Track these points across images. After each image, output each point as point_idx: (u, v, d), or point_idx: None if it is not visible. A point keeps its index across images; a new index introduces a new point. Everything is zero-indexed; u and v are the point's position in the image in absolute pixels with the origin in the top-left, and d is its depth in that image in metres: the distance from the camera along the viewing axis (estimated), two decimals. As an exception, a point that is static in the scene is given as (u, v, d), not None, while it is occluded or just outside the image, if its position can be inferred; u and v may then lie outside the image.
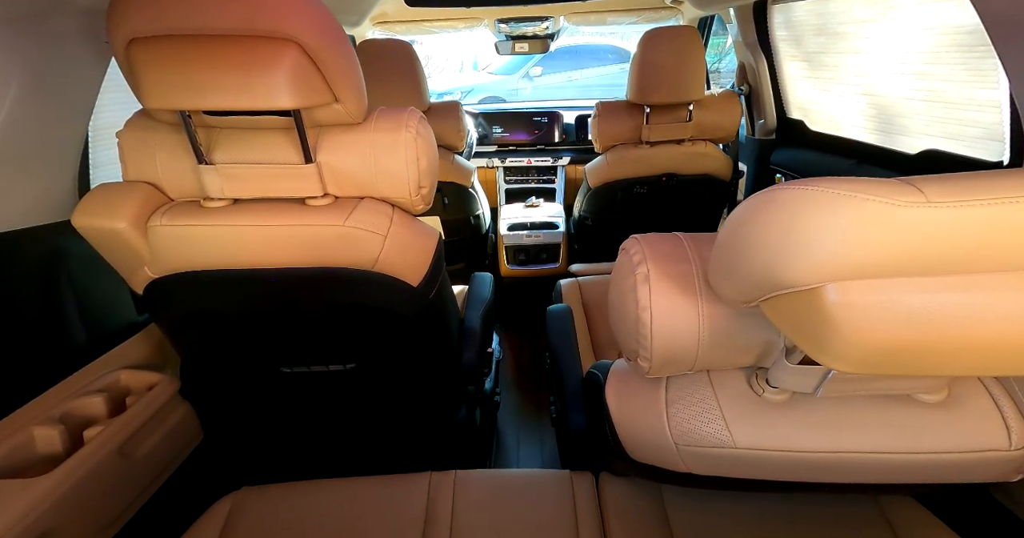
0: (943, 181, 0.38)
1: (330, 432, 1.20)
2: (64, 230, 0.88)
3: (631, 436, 0.70)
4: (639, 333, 0.58)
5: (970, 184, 0.37)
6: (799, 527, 0.82)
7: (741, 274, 0.47)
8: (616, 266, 0.64)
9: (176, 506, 1.01)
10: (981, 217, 0.36)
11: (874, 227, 0.37)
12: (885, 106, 1.25)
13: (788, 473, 0.62)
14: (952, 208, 0.36)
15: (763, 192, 0.44)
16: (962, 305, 0.39)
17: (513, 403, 1.84)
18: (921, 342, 0.40)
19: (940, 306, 0.39)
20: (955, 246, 0.37)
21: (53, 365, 0.89)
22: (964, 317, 0.39)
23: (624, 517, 0.84)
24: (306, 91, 0.68)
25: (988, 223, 0.36)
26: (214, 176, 0.76)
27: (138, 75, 0.66)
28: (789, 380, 0.55)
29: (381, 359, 1.00)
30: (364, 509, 0.88)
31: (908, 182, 0.38)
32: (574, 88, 5.73)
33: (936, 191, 0.37)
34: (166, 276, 0.81)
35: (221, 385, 1.04)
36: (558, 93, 5.56)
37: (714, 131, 1.74)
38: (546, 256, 2.11)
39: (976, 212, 0.36)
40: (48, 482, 0.75)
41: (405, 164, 0.79)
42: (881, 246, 0.37)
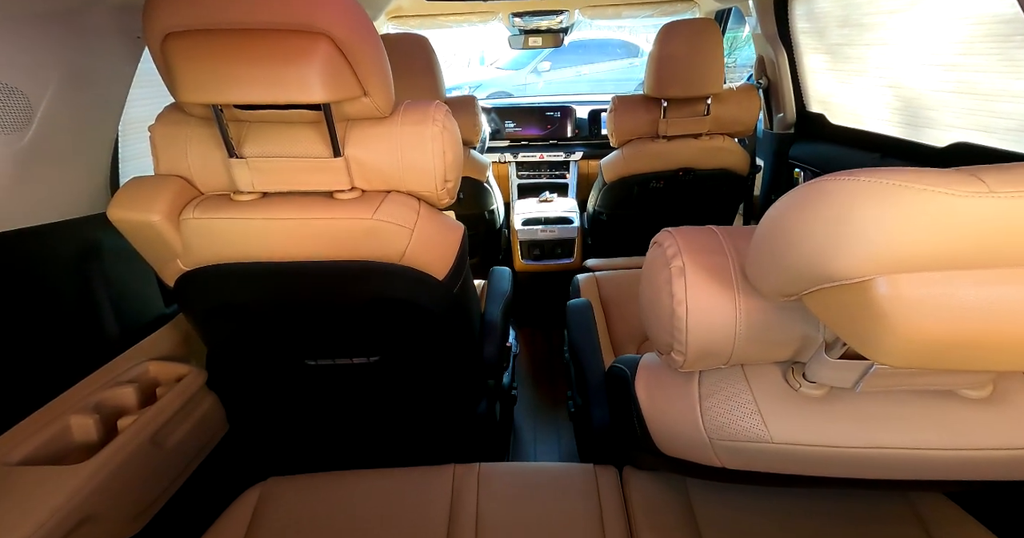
0: (1006, 171, 0.37)
1: (353, 424, 1.21)
2: (96, 223, 0.89)
3: (662, 430, 0.69)
4: (674, 327, 0.57)
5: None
6: (826, 522, 0.81)
7: (784, 266, 0.46)
8: (648, 260, 0.63)
9: (205, 495, 1.02)
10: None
11: (932, 218, 0.36)
12: (912, 99, 1.23)
13: (825, 469, 0.61)
14: (1016, 198, 0.35)
15: (810, 183, 0.43)
16: (1019, 299, 0.38)
17: (528, 397, 1.84)
18: (974, 337, 0.40)
19: (996, 300, 0.38)
20: (1017, 238, 0.36)
21: (87, 356, 0.91)
22: (1020, 312, 0.38)
23: (650, 511, 0.84)
24: (337, 85, 0.69)
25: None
26: (244, 170, 0.76)
27: (173, 69, 0.67)
28: (828, 375, 0.55)
29: (405, 352, 1.00)
30: (390, 500, 0.89)
31: (968, 172, 0.37)
32: (583, 82, 5.71)
33: (999, 181, 0.36)
34: (197, 269, 0.81)
35: (246, 377, 1.05)
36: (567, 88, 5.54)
37: (732, 125, 1.73)
38: (561, 251, 2.11)
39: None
40: (88, 469, 0.76)
41: (432, 157, 0.79)
42: (938, 238, 0.36)
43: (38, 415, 0.82)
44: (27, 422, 0.80)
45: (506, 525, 0.84)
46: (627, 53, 5.94)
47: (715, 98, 1.67)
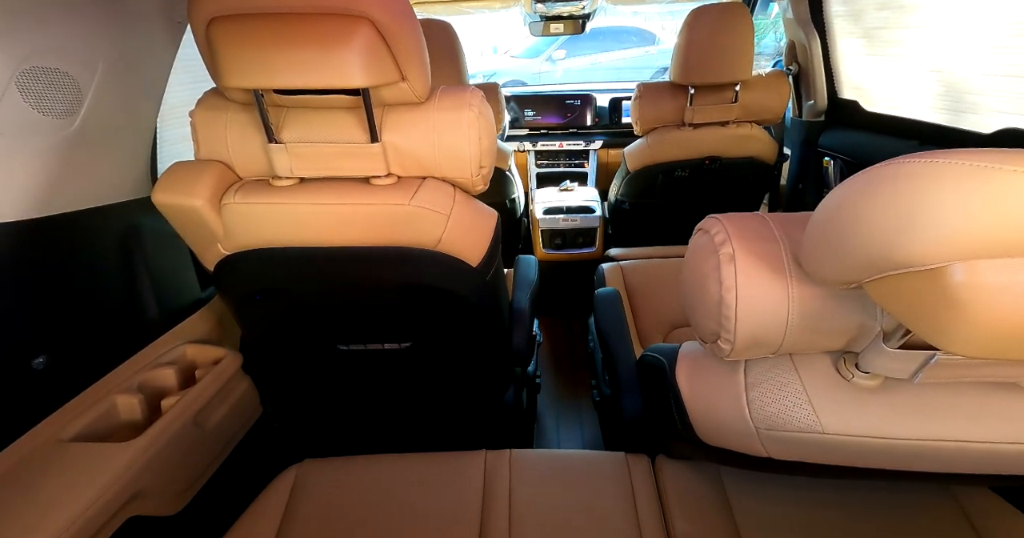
0: None
1: (383, 409, 1.23)
2: (138, 208, 0.91)
3: (705, 420, 0.69)
4: (721, 315, 0.56)
5: None
6: (863, 513, 0.80)
7: (847, 253, 0.44)
8: (693, 247, 0.62)
9: (242, 475, 1.04)
10: None
11: (1019, 201, 0.34)
12: (954, 83, 1.19)
13: (877, 460, 0.60)
14: None
15: (879, 166, 0.42)
16: None
17: (550, 386, 1.85)
18: None
19: None
20: None
21: (130, 337, 0.93)
22: None
23: (684, 499, 0.84)
24: (377, 69, 0.69)
25: None
26: (283, 155, 0.77)
27: (217, 54, 0.67)
28: (885, 365, 0.53)
29: (436, 339, 1.01)
30: (423, 484, 0.90)
31: None
32: (599, 71, 5.64)
33: None
34: (237, 253, 0.83)
35: (279, 361, 1.06)
36: (583, 76, 5.48)
37: (760, 113, 1.70)
38: (582, 240, 2.10)
39: None
40: (136, 447, 0.78)
41: (468, 143, 0.79)
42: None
43: (87, 394, 0.84)
44: (77, 400, 0.82)
45: (539, 510, 0.84)
46: (642, 41, 5.86)
47: (743, 85, 1.64)
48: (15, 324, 0.75)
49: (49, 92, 0.75)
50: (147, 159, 0.94)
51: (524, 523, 0.82)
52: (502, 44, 6.06)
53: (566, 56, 5.73)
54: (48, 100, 0.75)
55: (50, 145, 0.76)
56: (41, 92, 0.74)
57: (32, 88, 0.73)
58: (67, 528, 0.66)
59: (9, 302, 0.76)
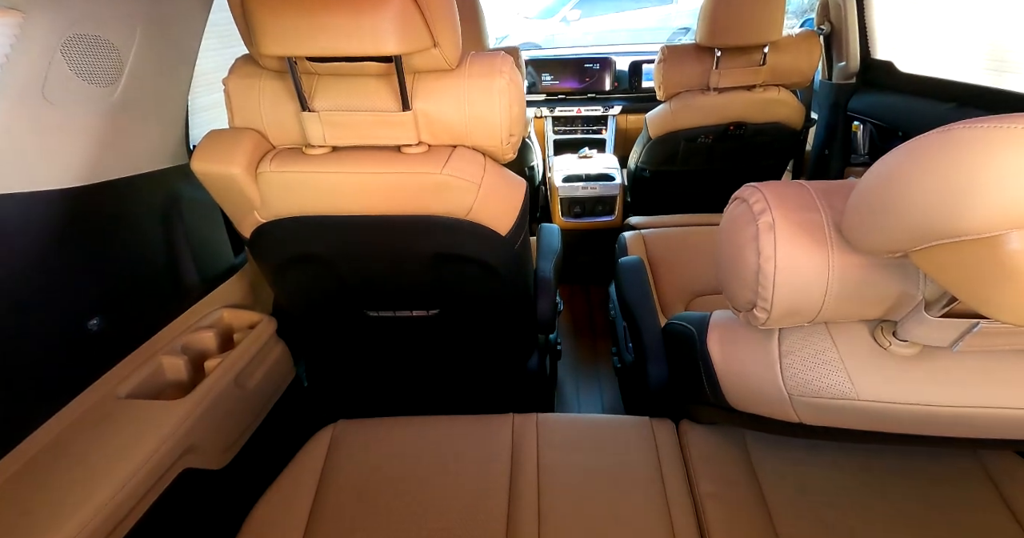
0: None
1: (410, 374, 1.26)
2: (176, 175, 0.92)
3: (737, 386, 0.70)
4: (759, 284, 0.56)
5: None
6: (887, 477, 0.81)
7: (896, 222, 0.44)
8: (730, 215, 0.62)
9: (280, 434, 1.09)
10: None
11: None
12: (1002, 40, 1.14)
13: (911, 427, 0.61)
14: None
15: (933, 133, 0.41)
16: None
17: (570, 352, 1.88)
18: None
19: None
20: None
21: (171, 301, 0.96)
22: None
23: (709, 462, 0.86)
24: (411, 35, 0.68)
25: None
26: (316, 123, 0.77)
27: (253, 21, 0.67)
28: (925, 334, 0.53)
29: (463, 307, 1.03)
30: (455, 444, 0.92)
31: None
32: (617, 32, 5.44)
33: None
34: (272, 220, 0.84)
35: (311, 326, 1.09)
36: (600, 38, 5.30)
37: (789, 75, 1.64)
38: (602, 208, 2.09)
39: None
40: (187, 405, 0.83)
41: (498, 111, 0.78)
42: None
43: (136, 355, 0.88)
44: (128, 361, 0.87)
45: (567, 472, 0.87)
46: (659, 0, 5.62)
47: (772, 46, 1.59)
48: (72, 287, 0.78)
49: (93, 60, 0.75)
50: (182, 126, 0.95)
51: (552, 484, 0.85)
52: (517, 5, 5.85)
53: (581, 17, 5.52)
54: (92, 68, 0.75)
55: (96, 114, 0.77)
56: (85, 60, 0.74)
57: (77, 57, 0.73)
58: (132, 476, 0.71)
59: (64, 266, 0.79)
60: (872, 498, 0.80)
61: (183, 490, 0.83)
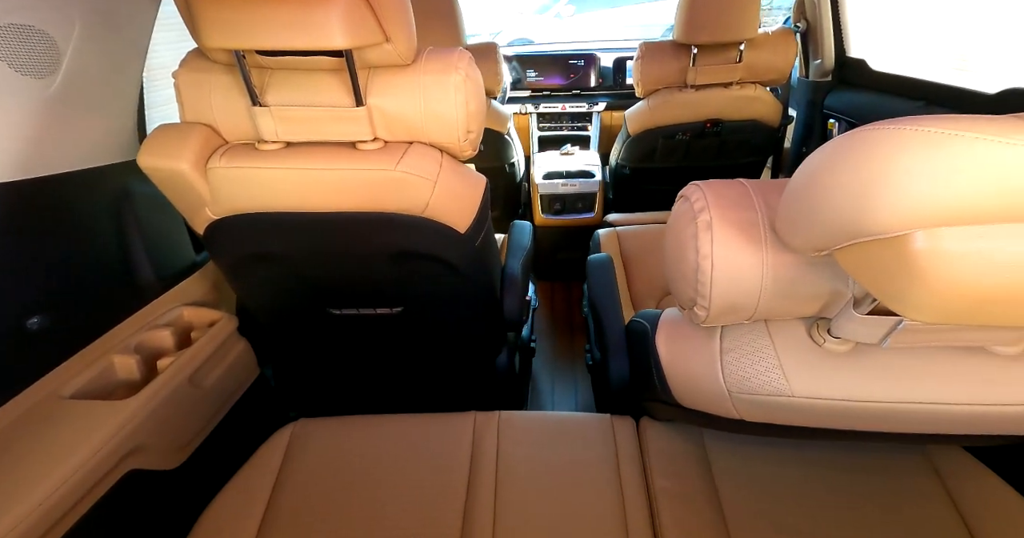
0: None
1: (376, 372, 1.26)
2: (127, 170, 0.91)
3: (682, 383, 0.70)
4: (698, 282, 0.57)
5: None
6: (840, 473, 0.82)
7: (818, 221, 0.44)
8: (674, 214, 0.62)
9: (239, 433, 1.09)
10: None
11: (982, 169, 0.34)
12: (965, 41, 1.14)
13: (845, 422, 0.62)
14: None
15: (850, 133, 0.41)
16: None
17: (547, 350, 1.88)
18: (1016, 292, 0.38)
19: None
20: None
21: (124, 299, 0.95)
22: None
23: (665, 458, 0.87)
24: (359, 30, 0.67)
25: None
26: (268, 118, 0.76)
27: (195, 13, 0.66)
28: (855, 330, 0.54)
29: (427, 304, 1.02)
30: (414, 443, 0.93)
31: (1021, 118, 0.35)
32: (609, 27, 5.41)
33: None
34: (225, 217, 0.83)
35: (273, 324, 1.09)
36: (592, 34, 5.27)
37: (766, 73, 1.64)
38: (582, 205, 2.08)
39: None
40: (134, 404, 0.82)
41: (454, 107, 0.77)
42: (987, 189, 0.34)
43: (83, 354, 0.86)
44: (74, 360, 0.85)
45: (525, 468, 0.87)
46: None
47: (749, 44, 1.58)
48: (6, 285, 0.77)
49: (25, 50, 0.73)
50: (134, 121, 0.93)
51: (510, 481, 0.85)
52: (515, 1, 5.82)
53: (575, 12, 5.50)
54: (25, 59, 0.73)
55: (32, 106, 0.76)
56: (17, 50, 0.72)
57: (7, 47, 0.71)
58: (68, 478, 0.70)
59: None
60: (822, 493, 0.81)
61: (129, 492, 0.82)
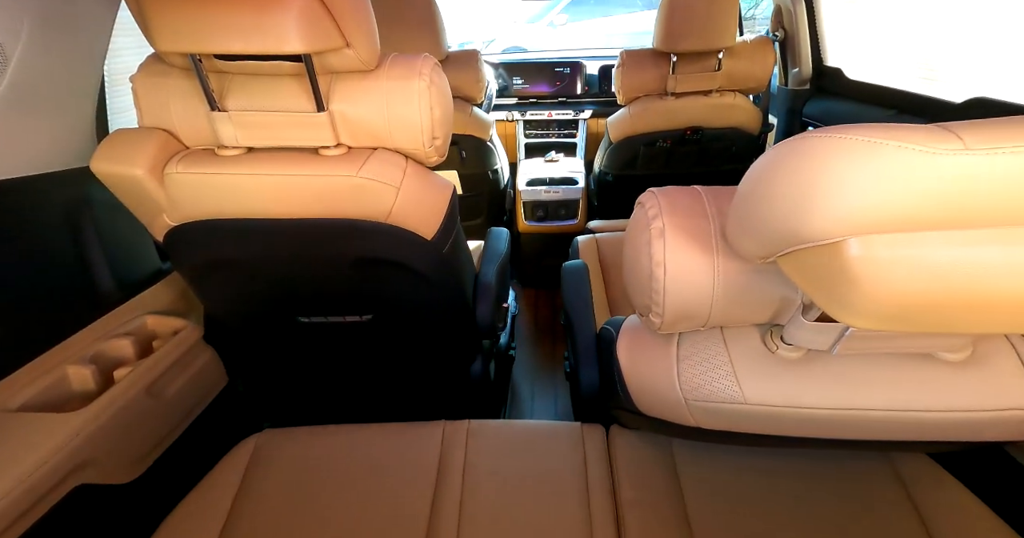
0: (985, 127, 0.35)
1: (348, 381, 1.24)
2: (86, 176, 0.89)
3: (641, 390, 0.70)
4: (652, 289, 0.57)
5: (1013, 129, 0.34)
6: (809, 481, 0.82)
7: (760, 227, 0.45)
8: (631, 220, 0.63)
9: (204, 444, 1.07)
10: (1022, 164, 0.33)
11: (906, 177, 0.35)
12: (931, 51, 1.15)
13: (799, 429, 0.62)
14: (992, 155, 0.33)
15: (788, 141, 0.42)
16: (996, 260, 0.37)
17: (529, 357, 1.87)
18: (949, 299, 0.39)
19: (973, 261, 0.37)
20: (993, 196, 0.35)
21: (82, 308, 0.93)
22: (997, 273, 0.37)
23: (633, 467, 0.86)
24: (317, 35, 0.67)
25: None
26: (227, 124, 0.75)
27: (147, 16, 0.65)
28: (805, 337, 0.54)
29: (397, 312, 1.01)
30: (381, 454, 0.91)
31: (946, 128, 0.35)
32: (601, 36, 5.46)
33: (976, 138, 0.34)
34: (184, 224, 0.82)
35: (241, 332, 1.07)
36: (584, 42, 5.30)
37: (745, 81, 1.65)
38: (565, 212, 2.08)
39: (1018, 159, 0.33)
40: (84, 416, 0.79)
41: (419, 113, 0.77)
42: (913, 197, 0.35)
43: (35, 364, 0.84)
44: (24, 371, 0.83)
45: (492, 479, 0.86)
46: (648, 4, 5.64)
47: (727, 52, 1.59)
48: None
49: None
50: (91, 126, 0.92)
51: (476, 492, 0.84)
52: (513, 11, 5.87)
53: (568, 21, 5.53)
54: None
55: None
56: None
57: None
58: (7, 493, 0.67)
59: None
60: (789, 501, 0.81)
61: (77, 507, 0.80)
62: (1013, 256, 0.37)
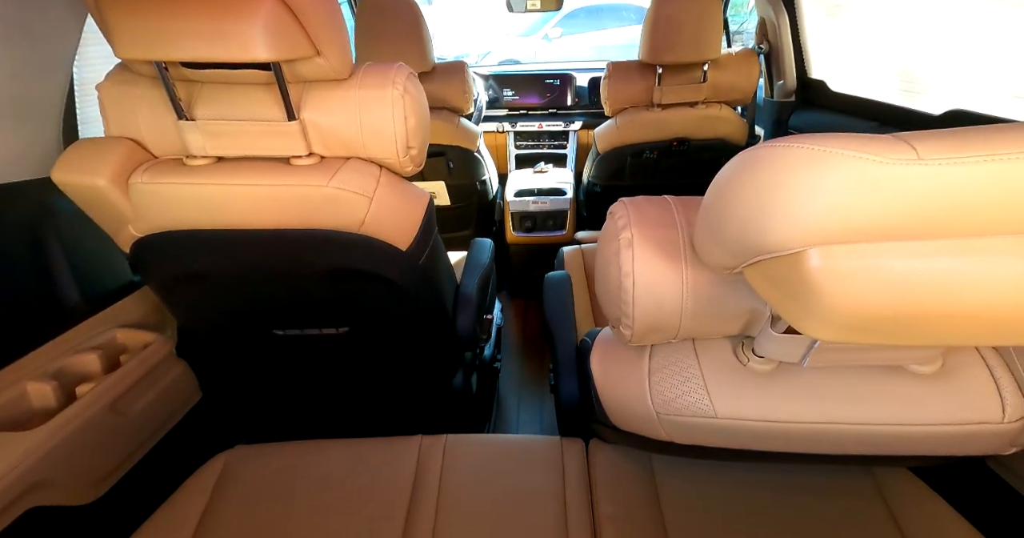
0: (938, 137, 0.34)
1: (325, 394, 1.22)
2: (50, 187, 0.88)
3: (614, 404, 0.69)
4: (621, 300, 0.56)
5: (966, 140, 0.33)
6: (790, 497, 0.81)
7: (725, 238, 0.44)
8: (603, 231, 0.62)
9: (173, 462, 1.04)
10: (976, 175, 0.33)
11: (861, 187, 0.34)
12: (911, 63, 1.16)
13: (771, 443, 0.61)
14: (945, 165, 0.33)
15: (748, 150, 0.41)
16: (955, 271, 0.36)
17: (516, 370, 1.84)
18: (910, 310, 0.38)
19: (931, 272, 0.36)
20: (948, 207, 0.34)
21: (45, 323, 0.90)
22: (956, 284, 0.36)
23: (612, 483, 0.84)
24: (284, 42, 0.66)
25: (983, 182, 0.33)
26: (195, 133, 0.74)
27: (109, 23, 0.64)
28: (775, 350, 0.54)
29: (374, 324, 0.99)
30: (355, 469, 0.89)
31: (901, 138, 0.35)
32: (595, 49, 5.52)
33: (929, 147, 0.33)
34: (149, 235, 0.80)
35: (216, 345, 1.05)
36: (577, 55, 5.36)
37: (730, 93, 1.66)
38: (553, 223, 2.07)
39: (970, 170, 0.33)
40: (39, 435, 0.77)
41: (392, 123, 0.76)
42: (869, 207, 0.35)
43: None
44: None
45: (468, 495, 0.84)
46: (640, 19, 5.71)
47: (713, 64, 1.60)
48: None
49: None
50: (57, 136, 0.90)
51: (451, 509, 0.82)
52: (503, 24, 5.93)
53: (562, 34, 5.59)
54: None
55: None
56: None
57: None
58: None
59: None
60: (768, 516, 0.79)
61: (28, 531, 0.77)
62: (968, 267, 0.36)
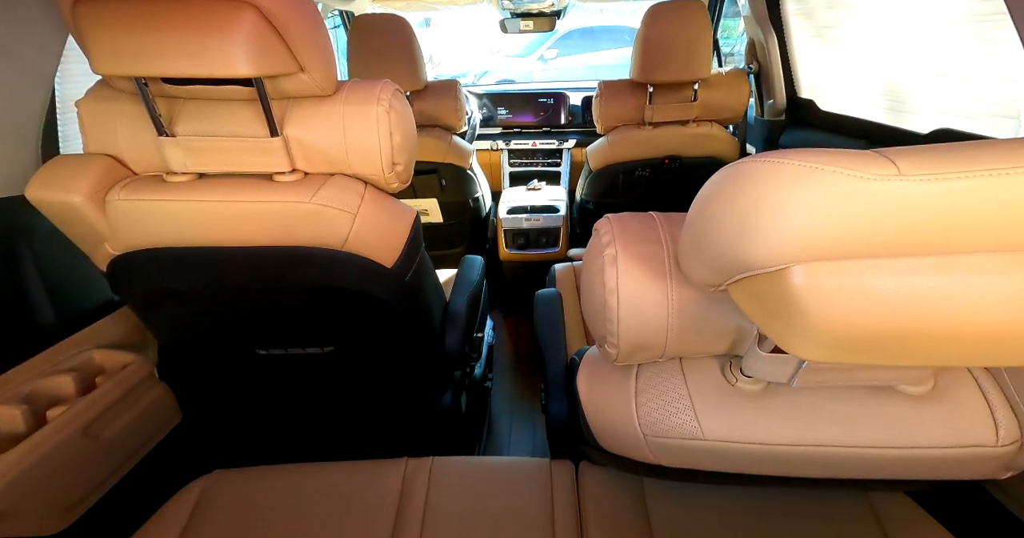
0: (919, 153, 0.34)
1: (309, 416, 1.19)
2: (25, 204, 0.86)
3: (601, 426, 0.67)
4: (606, 317, 0.55)
5: (947, 156, 0.33)
6: (783, 522, 0.79)
7: (708, 255, 0.43)
8: (588, 247, 0.61)
9: (148, 488, 1.00)
10: (957, 191, 0.32)
11: (843, 203, 0.33)
12: (897, 83, 1.17)
13: (760, 466, 0.59)
14: (925, 182, 0.32)
15: (731, 165, 0.40)
16: (938, 289, 0.35)
17: (509, 389, 1.81)
18: (895, 329, 0.37)
19: (914, 290, 0.35)
20: (930, 223, 0.33)
21: (17, 344, 0.88)
22: (941, 302, 0.35)
23: (602, 506, 0.82)
24: (266, 58, 0.65)
25: (964, 198, 0.32)
26: (176, 149, 0.73)
27: (86, 38, 0.63)
28: (763, 369, 0.52)
29: (359, 343, 0.97)
30: (337, 494, 0.86)
31: (882, 154, 0.34)
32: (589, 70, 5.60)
33: (910, 163, 0.33)
34: (127, 253, 0.79)
35: (197, 366, 1.02)
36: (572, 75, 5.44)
37: (721, 111, 1.67)
38: (546, 240, 2.07)
39: (951, 186, 0.32)
40: (3, 462, 0.74)
41: (377, 139, 0.75)
42: (850, 224, 0.34)
43: None
44: None
45: (454, 519, 0.82)
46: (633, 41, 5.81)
47: (703, 83, 1.61)
48: None
49: None
50: (36, 153, 0.89)
51: (436, 533, 0.79)
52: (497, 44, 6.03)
53: (558, 55, 5.69)
54: None
55: None
56: None
57: None
58: None
59: None
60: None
61: None
62: (952, 285, 0.35)
